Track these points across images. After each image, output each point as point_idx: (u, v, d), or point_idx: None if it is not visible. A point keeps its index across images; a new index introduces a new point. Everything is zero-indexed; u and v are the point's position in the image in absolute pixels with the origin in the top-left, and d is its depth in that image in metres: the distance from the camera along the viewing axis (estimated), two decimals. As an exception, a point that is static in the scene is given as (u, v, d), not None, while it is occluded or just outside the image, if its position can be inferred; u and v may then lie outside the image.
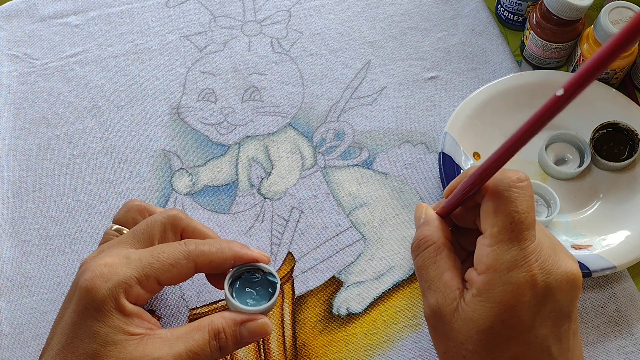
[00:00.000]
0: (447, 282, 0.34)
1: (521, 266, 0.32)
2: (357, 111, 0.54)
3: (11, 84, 0.56)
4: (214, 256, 0.37)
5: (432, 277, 0.35)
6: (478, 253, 0.34)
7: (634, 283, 0.47)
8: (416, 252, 0.36)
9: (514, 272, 0.32)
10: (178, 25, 0.60)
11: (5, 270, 0.48)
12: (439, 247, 0.35)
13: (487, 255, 0.33)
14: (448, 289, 0.34)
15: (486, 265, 0.32)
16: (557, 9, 0.51)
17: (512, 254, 0.32)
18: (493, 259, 0.32)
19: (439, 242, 0.36)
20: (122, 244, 0.37)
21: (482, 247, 0.33)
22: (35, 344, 0.45)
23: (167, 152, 0.53)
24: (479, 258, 0.33)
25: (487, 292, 0.32)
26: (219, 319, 0.36)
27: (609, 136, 0.50)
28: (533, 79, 0.52)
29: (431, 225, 0.37)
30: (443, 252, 0.35)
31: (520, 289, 0.32)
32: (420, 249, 0.36)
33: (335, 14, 0.60)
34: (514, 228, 0.32)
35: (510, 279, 0.32)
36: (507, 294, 0.32)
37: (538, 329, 0.32)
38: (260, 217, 0.50)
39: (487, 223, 0.33)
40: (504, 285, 0.32)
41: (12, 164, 0.52)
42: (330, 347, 0.44)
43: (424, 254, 0.36)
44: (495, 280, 0.32)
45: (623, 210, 0.48)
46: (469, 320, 0.32)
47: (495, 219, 0.33)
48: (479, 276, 0.33)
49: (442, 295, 0.34)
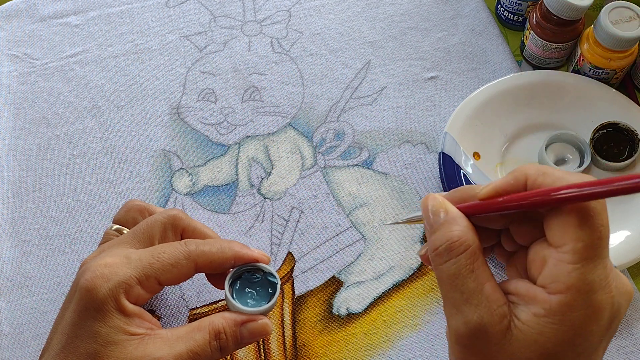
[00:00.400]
0: (491, 296, 0.29)
1: (604, 287, 0.28)
2: (357, 111, 0.54)
3: (11, 84, 0.56)
4: (214, 256, 0.37)
5: (472, 289, 0.29)
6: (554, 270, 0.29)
7: (634, 283, 0.47)
8: (446, 257, 0.30)
9: (597, 293, 0.28)
10: (178, 25, 0.60)
11: (5, 270, 0.48)
12: (475, 253, 0.30)
13: (569, 274, 0.28)
14: (494, 303, 0.29)
15: (567, 285, 0.28)
16: (557, 9, 0.51)
17: (597, 274, 0.28)
18: (577, 278, 0.28)
19: (475, 246, 0.30)
20: (123, 244, 0.37)
21: (559, 263, 0.28)
22: (35, 344, 0.45)
23: (167, 152, 0.53)
24: (556, 276, 0.28)
25: (563, 315, 0.28)
26: (220, 320, 0.36)
27: (609, 136, 0.50)
28: (533, 79, 0.52)
29: (459, 224, 0.31)
30: (480, 258, 0.30)
31: (601, 312, 0.28)
32: (454, 252, 0.30)
33: (335, 14, 0.60)
34: (600, 244, 0.28)
35: (594, 302, 0.28)
36: (587, 317, 0.28)
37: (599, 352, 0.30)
38: (260, 217, 0.50)
39: (567, 237, 0.28)
40: (586, 308, 0.28)
41: (12, 164, 0.52)
42: (330, 347, 0.44)
43: (460, 260, 0.30)
44: (578, 303, 0.28)
45: (623, 210, 0.48)
46: (531, 342, 0.28)
47: (580, 234, 0.28)
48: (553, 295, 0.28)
49: (487, 311, 0.29)
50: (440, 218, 0.31)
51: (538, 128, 0.52)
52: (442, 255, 0.30)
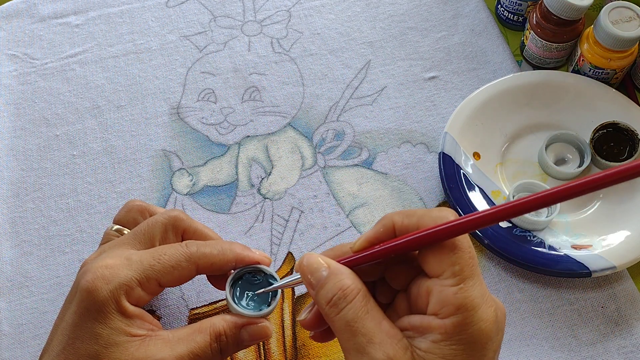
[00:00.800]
0: (390, 331, 0.31)
1: (486, 301, 0.30)
2: (357, 111, 0.54)
3: (11, 84, 0.56)
4: (215, 258, 0.37)
5: (371, 330, 0.30)
6: (440, 297, 0.30)
7: (634, 283, 0.47)
8: (340, 306, 0.31)
9: (482, 308, 0.30)
10: (178, 25, 0.60)
11: (5, 270, 0.48)
12: (366, 295, 0.31)
13: (455, 296, 0.30)
14: (394, 338, 0.30)
15: (455, 305, 0.30)
16: (557, 9, 0.51)
17: (477, 290, 0.30)
18: (463, 297, 0.30)
19: (364, 289, 0.31)
20: (123, 245, 0.37)
21: (444, 288, 0.30)
22: (35, 344, 0.45)
23: (167, 152, 0.53)
24: (443, 301, 0.30)
25: (458, 335, 0.30)
26: (221, 322, 0.36)
27: (609, 136, 0.50)
28: (533, 79, 0.52)
29: (344, 274, 0.32)
30: (371, 300, 0.32)
31: (490, 325, 0.30)
32: (347, 300, 0.31)
33: (335, 14, 0.60)
34: (472, 262, 0.31)
35: (482, 316, 0.30)
36: (480, 332, 0.30)
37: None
38: (260, 217, 0.50)
39: (444, 264, 0.31)
40: (477, 323, 0.30)
41: (12, 164, 0.52)
42: (330, 347, 0.44)
43: (354, 305, 0.31)
44: (468, 320, 0.30)
45: (623, 210, 0.48)
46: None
47: (455, 258, 0.30)
48: (445, 320, 0.30)
49: (391, 346, 0.30)
50: (323, 274, 0.32)
51: (538, 128, 0.52)
52: (337, 304, 0.31)
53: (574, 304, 0.46)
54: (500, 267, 0.47)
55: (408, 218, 0.32)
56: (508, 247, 0.45)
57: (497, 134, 0.52)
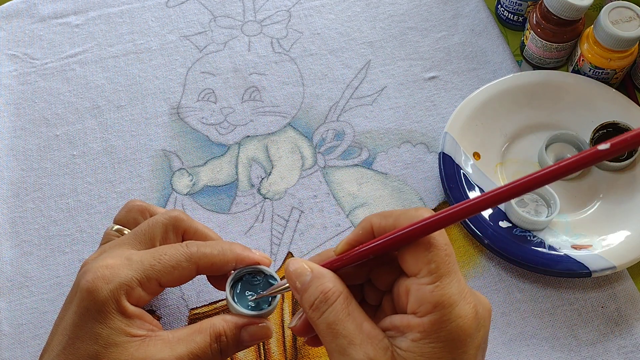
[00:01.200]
0: (371, 332, 0.31)
1: (464, 297, 0.30)
2: (357, 111, 0.54)
3: (11, 84, 0.56)
4: (215, 258, 0.37)
5: (352, 331, 0.31)
6: (417, 296, 0.31)
7: (634, 283, 0.47)
8: (322, 309, 0.32)
9: (460, 305, 0.30)
10: (178, 25, 0.60)
11: (5, 270, 0.48)
12: (348, 297, 0.32)
13: (432, 293, 0.30)
14: (375, 338, 0.31)
15: (432, 303, 0.30)
16: (557, 9, 0.51)
17: (455, 287, 0.30)
18: (439, 295, 0.30)
19: (346, 292, 0.32)
20: (124, 245, 0.37)
21: (421, 287, 0.31)
22: (35, 344, 0.45)
23: (167, 152, 0.53)
24: (420, 300, 0.30)
25: (436, 332, 0.30)
26: (221, 322, 0.36)
27: (609, 136, 0.50)
28: (533, 79, 0.52)
29: (327, 277, 0.32)
30: (352, 302, 0.32)
31: (468, 322, 0.30)
32: (328, 303, 0.31)
33: (335, 14, 0.60)
34: (449, 260, 0.31)
35: (460, 312, 0.30)
36: (458, 329, 0.30)
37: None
38: (260, 217, 0.50)
39: (420, 262, 0.31)
40: (455, 320, 0.30)
41: (12, 164, 0.52)
42: (331, 347, 0.44)
43: (335, 308, 0.31)
44: (446, 317, 0.30)
45: (623, 210, 0.48)
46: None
47: (430, 256, 0.31)
48: (423, 318, 0.30)
49: (371, 347, 0.30)
50: (307, 278, 0.33)
51: (538, 128, 0.52)
52: (319, 307, 0.32)
53: (574, 304, 0.46)
54: (500, 267, 0.47)
55: (385, 219, 0.33)
56: (508, 247, 0.45)
57: (497, 134, 0.52)
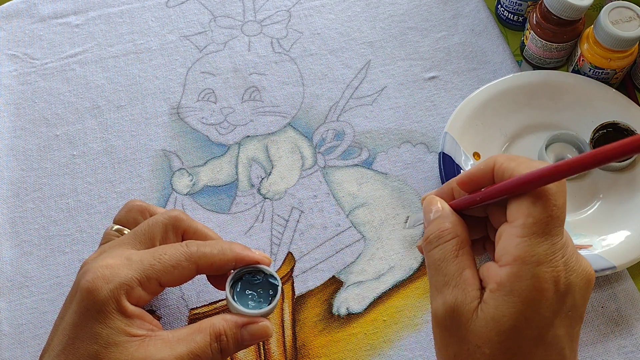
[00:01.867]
0: (468, 279, 0.32)
1: (549, 261, 0.30)
2: (357, 111, 0.54)
3: (11, 84, 0.56)
4: (215, 258, 0.37)
5: (452, 272, 0.32)
6: (504, 244, 0.31)
7: (634, 283, 0.47)
8: (435, 244, 0.34)
9: (542, 266, 0.30)
10: (178, 25, 0.60)
11: (5, 270, 0.48)
12: (462, 242, 0.33)
13: (517, 246, 0.30)
14: (469, 286, 0.32)
15: (514, 256, 0.30)
16: (557, 9, 0.51)
17: (543, 248, 0.30)
18: (523, 250, 0.30)
19: (462, 236, 0.33)
20: (123, 245, 0.37)
21: (509, 237, 0.31)
22: (35, 344, 0.45)
23: (167, 152, 0.53)
24: (505, 248, 0.31)
25: (511, 285, 0.30)
26: (220, 321, 0.36)
27: (609, 136, 0.50)
28: (533, 79, 0.52)
29: (450, 218, 0.34)
30: (465, 247, 0.33)
31: (546, 285, 0.30)
32: (441, 240, 0.33)
33: (335, 14, 0.60)
34: (550, 222, 0.31)
35: (538, 273, 0.30)
36: (533, 288, 0.30)
37: (556, 329, 0.31)
38: (260, 217, 0.50)
39: (520, 213, 0.31)
40: (531, 278, 0.30)
41: (12, 164, 0.52)
42: (330, 347, 0.44)
43: (446, 247, 0.33)
44: (523, 273, 0.30)
45: (623, 210, 0.48)
46: (489, 319, 0.30)
47: (532, 210, 0.31)
48: (502, 268, 0.31)
49: (462, 292, 0.31)
50: (433, 214, 0.35)
51: (538, 128, 0.52)
52: (432, 242, 0.34)
53: (574, 304, 0.46)
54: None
55: (508, 161, 0.33)
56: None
57: (497, 134, 0.52)
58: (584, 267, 0.32)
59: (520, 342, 0.31)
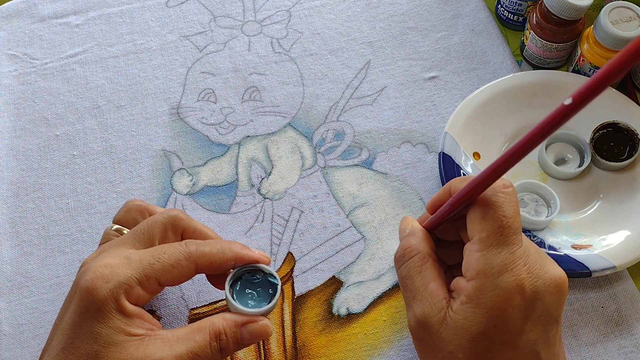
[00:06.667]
0: (434, 292, 0.34)
1: (511, 270, 0.32)
2: (357, 111, 0.54)
3: (11, 84, 0.56)
4: (214, 257, 0.37)
5: (418, 287, 0.34)
6: (467, 260, 0.33)
7: (634, 283, 0.47)
8: (401, 262, 0.36)
9: (503, 276, 0.32)
10: (178, 25, 0.60)
11: (5, 270, 0.48)
12: (424, 257, 0.35)
13: (477, 261, 0.32)
14: (434, 298, 0.34)
15: (476, 270, 0.32)
16: (557, 9, 0.51)
17: (501, 258, 0.32)
18: (483, 263, 0.32)
19: (424, 251, 0.35)
20: (123, 245, 0.37)
21: (471, 253, 0.33)
22: (35, 344, 0.45)
23: (167, 152, 0.53)
24: (468, 264, 0.33)
25: (477, 298, 0.32)
26: (220, 320, 0.36)
27: (609, 136, 0.50)
28: (533, 79, 0.52)
29: (416, 236, 0.36)
30: (428, 262, 0.35)
31: (510, 293, 0.32)
32: (405, 258, 0.36)
33: (335, 14, 0.60)
34: (502, 232, 0.32)
35: (501, 283, 0.32)
36: (498, 298, 0.32)
37: (528, 334, 0.32)
38: (260, 217, 0.50)
39: (475, 229, 0.33)
40: (495, 289, 0.32)
41: (12, 164, 0.52)
42: (330, 347, 0.44)
43: (409, 264, 0.35)
44: (487, 285, 0.32)
45: (623, 210, 0.48)
46: (459, 328, 0.32)
47: (484, 224, 0.33)
48: (469, 282, 0.33)
49: (428, 305, 0.34)
50: (404, 233, 0.37)
51: (538, 128, 0.52)
52: (399, 260, 0.36)
53: (574, 304, 0.46)
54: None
55: (461, 182, 0.35)
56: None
57: (497, 134, 0.52)
58: (551, 272, 0.33)
59: (491, 346, 0.32)
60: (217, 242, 0.38)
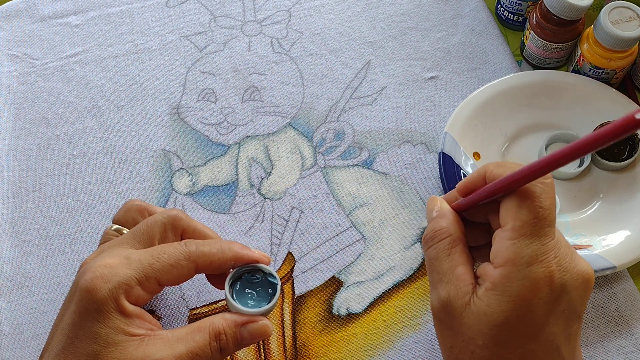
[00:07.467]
0: (461, 276, 0.34)
1: (540, 261, 0.31)
2: (357, 111, 0.54)
3: (11, 84, 0.56)
4: (214, 257, 0.37)
5: (445, 270, 0.34)
6: (496, 247, 0.33)
7: (634, 283, 0.47)
8: (430, 243, 0.36)
9: (533, 266, 0.31)
10: (178, 25, 0.60)
11: (5, 270, 0.48)
12: (455, 240, 0.35)
13: (507, 249, 0.32)
14: (461, 282, 0.33)
15: (505, 258, 0.32)
16: (557, 9, 0.51)
17: (532, 249, 0.32)
18: (513, 252, 0.32)
19: (455, 235, 0.35)
20: (123, 245, 0.37)
21: (501, 240, 0.33)
22: (35, 344, 0.45)
23: (167, 152, 0.53)
24: (497, 251, 0.33)
25: (503, 286, 0.32)
26: (220, 320, 0.36)
27: (609, 136, 0.50)
28: (533, 79, 0.52)
29: (447, 218, 0.36)
30: (458, 245, 0.35)
31: (538, 285, 0.31)
32: (435, 239, 0.35)
33: (335, 14, 0.60)
34: (537, 223, 0.32)
35: (529, 274, 0.31)
36: (524, 288, 0.31)
37: (551, 327, 0.32)
38: (260, 217, 0.50)
39: (509, 217, 0.33)
40: (522, 279, 0.31)
41: (12, 164, 0.52)
42: (330, 347, 0.44)
43: (439, 246, 0.35)
44: (514, 274, 0.31)
45: (623, 210, 0.48)
46: (481, 314, 0.32)
47: (519, 213, 0.32)
48: (496, 269, 0.32)
49: (454, 288, 0.33)
50: (433, 214, 0.37)
51: (538, 128, 0.52)
52: (427, 241, 0.36)
53: (574, 304, 0.46)
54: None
55: (498, 168, 0.35)
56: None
57: (497, 134, 0.52)
58: (580, 267, 0.33)
59: (513, 336, 0.32)
60: (217, 242, 0.38)
